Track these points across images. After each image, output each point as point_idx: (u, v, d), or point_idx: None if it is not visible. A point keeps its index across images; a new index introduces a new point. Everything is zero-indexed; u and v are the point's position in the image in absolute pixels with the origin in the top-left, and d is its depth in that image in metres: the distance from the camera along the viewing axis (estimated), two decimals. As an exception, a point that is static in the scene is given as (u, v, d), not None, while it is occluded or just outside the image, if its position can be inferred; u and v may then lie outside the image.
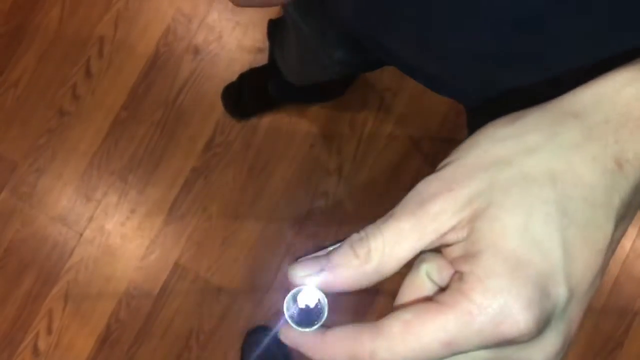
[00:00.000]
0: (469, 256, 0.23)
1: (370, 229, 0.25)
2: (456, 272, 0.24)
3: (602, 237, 0.23)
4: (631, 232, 1.37)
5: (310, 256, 0.26)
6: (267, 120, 1.41)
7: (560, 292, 0.23)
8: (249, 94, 1.38)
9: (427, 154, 1.39)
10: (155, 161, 1.40)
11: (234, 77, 1.40)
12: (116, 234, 1.39)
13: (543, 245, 0.22)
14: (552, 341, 0.24)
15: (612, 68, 0.34)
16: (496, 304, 0.22)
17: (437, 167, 0.26)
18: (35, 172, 1.40)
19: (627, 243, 1.37)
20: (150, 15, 1.45)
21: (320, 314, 0.26)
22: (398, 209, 0.25)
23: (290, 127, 1.41)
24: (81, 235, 1.38)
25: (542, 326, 0.22)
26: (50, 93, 1.43)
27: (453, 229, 0.24)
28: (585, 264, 0.23)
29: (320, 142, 1.41)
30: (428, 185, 0.24)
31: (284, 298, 0.26)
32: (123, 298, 1.36)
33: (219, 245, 1.38)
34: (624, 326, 1.34)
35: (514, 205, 0.23)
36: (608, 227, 0.23)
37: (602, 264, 0.24)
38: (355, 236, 0.25)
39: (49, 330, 1.36)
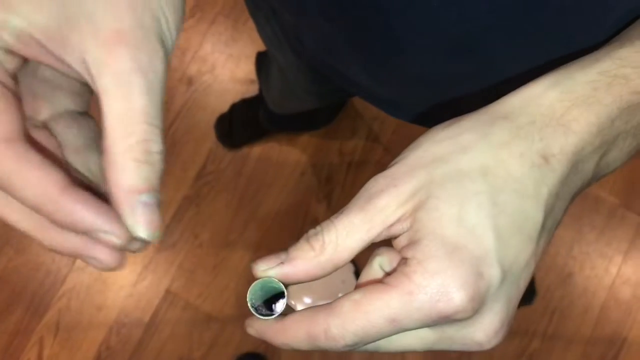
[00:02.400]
0: (412, 243, 0.26)
1: (324, 223, 0.27)
2: (402, 258, 0.26)
3: (532, 225, 0.26)
4: (617, 259, 1.39)
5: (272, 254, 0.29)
6: (258, 149, 1.44)
7: (493, 272, 0.25)
8: (240, 124, 1.41)
9: (415, 181, 1.41)
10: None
11: (226, 107, 1.44)
12: (108, 261, 1.40)
13: (476, 231, 0.25)
14: (490, 320, 0.26)
15: None
16: (434, 283, 0.24)
17: (386, 168, 0.28)
18: (30, 201, 1.42)
19: (613, 269, 1.38)
20: (145, 48, 1.49)
21: (280, 304, 0.29)
22: (349, 205, 0.27)
23: (281, 155, 1.43)
24: (74, 262, 1.40)
25: (476, 304, 0.25)
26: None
27: (398, 220, 0.26)
28: (517, 248, 0.25)
29: (310, 170, 1.43)
30: (375, 182, 0.27)
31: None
32: (114, 326, 1.37)
33: (210, 272, 1.39)
34: (612, 352, 1.34)
35: (449, 197, 0.25)
36: (538, 216, 0.26)
37: (533, 250, 0.26)
38: (311, 231, 0.28)
39: (40, 359, 1.36)
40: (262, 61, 1.15)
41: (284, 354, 1.35)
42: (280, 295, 0.29)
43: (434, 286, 0.24)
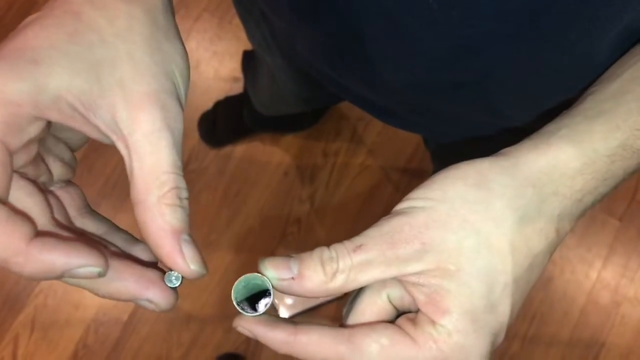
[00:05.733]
0: (440, 310, 0.27)
1: (340, 251, 0.28)
2: (423, 313, 0.28)
3: (530, 287, 0.29)
4: (597, 264, 1.40)
5: (280, 258, 0.29)
6: (241, 148, 1.42)
7: (500, 340, 0.28)
8: (224, 122, 1.40)
9: (398, 183, 1.41)
10: (128, 186, 1.40)
11: (210, 105, 1.42)
12: (87, 259, 1.38)
13: (498, 309, 0.27)
14: None
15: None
16: (460, 356, 0.27)
17: (409, 204, 0.28)
18: (7, 196, 1.40)
19: (593, 274, 1.39)
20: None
21: (266, 299, 0.29)
22: (370, 241, 0.28)
23: (265, 155, 1.43)
24: (51, 259, 1.37)
25: None
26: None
27: (416, 274, 0.27)
28: (519, 310, 0.29)
29: (293, 170, 1.42)
30: (401, 228, 0.28)
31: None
32: (91, 324, 1.35)
33: (190, 271, 1.37)
34: (591, 356, 1.35)
35: (479, 275, 0.27)
36: (535, 279, 0.29)
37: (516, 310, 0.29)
38: (326, 253, 0.28)
39: (14, 357, 1.34)
40: (249, 61, 1.15)
41: (264, 355, 1.34)
42: (264, 292, 0.29)
43: (458, 358, 0.27)
